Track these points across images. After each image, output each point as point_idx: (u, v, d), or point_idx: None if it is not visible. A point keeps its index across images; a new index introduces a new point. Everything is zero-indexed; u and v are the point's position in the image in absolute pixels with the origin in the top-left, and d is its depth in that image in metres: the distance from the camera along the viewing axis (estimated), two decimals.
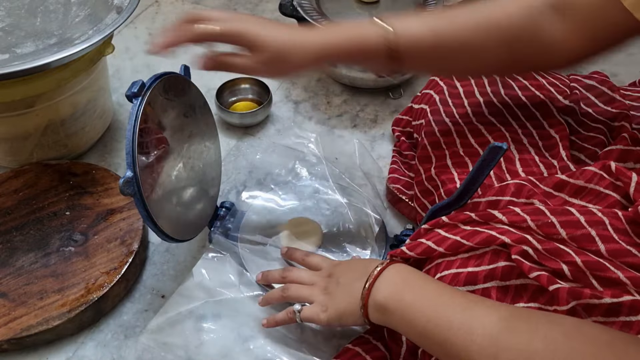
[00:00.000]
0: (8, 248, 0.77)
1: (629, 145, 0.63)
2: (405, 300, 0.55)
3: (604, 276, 0.50)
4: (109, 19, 0.80)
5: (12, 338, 0.68)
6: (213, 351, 0.70)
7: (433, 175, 0.71)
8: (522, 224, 0.55)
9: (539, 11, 0.61)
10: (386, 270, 0.58)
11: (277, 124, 1.01)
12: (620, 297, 0.49)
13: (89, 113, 0.89)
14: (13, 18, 0.82)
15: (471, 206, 0.62)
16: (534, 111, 0.72)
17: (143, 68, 1.12)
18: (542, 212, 0.55)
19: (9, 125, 0.83)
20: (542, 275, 0.51)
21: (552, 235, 0.54)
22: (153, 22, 1.23)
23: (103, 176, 0.85)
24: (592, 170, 0.59)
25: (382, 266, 0.59)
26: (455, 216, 0.60)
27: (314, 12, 0.99)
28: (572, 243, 0.53)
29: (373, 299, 0.57)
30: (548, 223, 0.54)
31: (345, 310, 0.60)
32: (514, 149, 0.68)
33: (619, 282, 0.50)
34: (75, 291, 0.72)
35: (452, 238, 0.58)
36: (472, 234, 0.57)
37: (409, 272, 0.58)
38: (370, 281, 0.58)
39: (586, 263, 0.51)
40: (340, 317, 0.61)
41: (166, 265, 0.80)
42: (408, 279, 0.57)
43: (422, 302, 0.54)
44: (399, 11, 1.01)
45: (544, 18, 0.60)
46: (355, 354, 0.65)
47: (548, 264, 0.52)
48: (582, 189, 0.59)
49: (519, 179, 0.62)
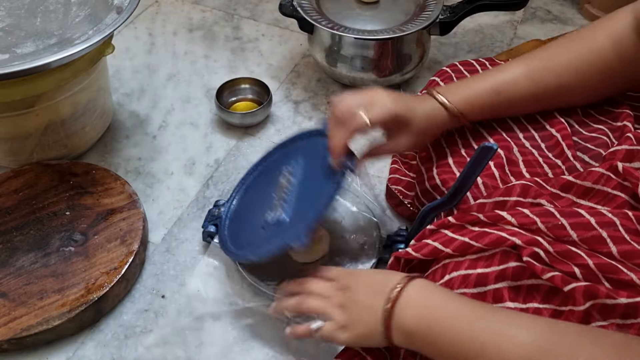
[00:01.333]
0: (8, 248, 0.77)
1: (634, 145, 0.63)
2: (430, 326, 0.52)
3: (616, 278, 0.50)
4: (109, 19, 0.80)
5: (12, 338, 0.68)
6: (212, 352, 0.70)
7: (434, 175, 0.71)
8: (532, 226, 0.54)
9: (628, 39, 0.63)
10: (406, 290, 0.55)
11: (277, 124, 1.01)
12: (636, 298, 0.48)
13: (89, 113, 0.89)
14: (13, 18, 0.82)
15: (477, 207, 0.61)
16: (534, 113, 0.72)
17: (143, 68, 1.12)
18: (552, 213, 0.55)
19: (9, 125, 0.83)
20: (557, 276, 0.51)
21: (563, 237, 0.53)
22: (153, 22, 1.23)
23: (103, 176, 0.85)
24: (599, 172, 0.58)
25: (400, 286, 0.55)
26: (462, 217, 0.59)
27: (314, 12, 0.99)
28: (583, 245, 0.52)
29: (398, 322, 0.54)
30: (558, 225, 0.53)
31: (366, 334, 0.57)
32: (517, 152, 0.68)
33: (633, 284, 0.49)
34: (75, 291, 0.72)
35: (460, 239, 0.57)
36: (481, 235, 0.56)
37: (432, 292, 0.55)
38: (390, 304, 0.55)
39: (598, 265, 0.50)
40: (361, 340, 0.58)
41: (166, 265, 0.80)
42: (432, 301, 0.54)
43: (446, 323, 0.51)
44: (399, 11, 1.01)
45: (631, 44, 0.63)
46: (355, 353, 0.65)
47: (559, 266, 0.51)
48: (590, 190, 0.58)
49: (525, 179, 0.61)
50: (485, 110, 0.68)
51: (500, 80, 0.67)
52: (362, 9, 1.02)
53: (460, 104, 0.67)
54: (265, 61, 1.13)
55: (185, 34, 1.20)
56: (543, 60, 0.67)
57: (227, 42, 1.18)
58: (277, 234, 0.69)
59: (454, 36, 1.16)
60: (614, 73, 0.65)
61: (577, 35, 0.67)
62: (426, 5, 1.01)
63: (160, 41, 1.19)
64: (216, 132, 0.99)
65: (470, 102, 0.67)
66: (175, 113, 1.03)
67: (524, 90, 0.67)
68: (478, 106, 0.67)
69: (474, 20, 1.17)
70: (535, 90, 0.67)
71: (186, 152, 0.96)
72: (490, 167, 0.65)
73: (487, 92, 0.67)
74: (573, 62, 0.66)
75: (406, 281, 0.56)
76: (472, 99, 0.67)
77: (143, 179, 0.91)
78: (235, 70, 1.11)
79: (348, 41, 0.98)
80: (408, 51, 1.00)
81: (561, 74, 0.66)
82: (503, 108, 0.68)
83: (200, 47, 1.17)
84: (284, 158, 0.78)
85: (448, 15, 1.00)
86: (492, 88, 0.67)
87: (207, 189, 0.90)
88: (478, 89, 0.67)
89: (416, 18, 0.98)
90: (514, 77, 0.67)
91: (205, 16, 1.25)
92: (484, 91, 0.67)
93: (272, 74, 1.10)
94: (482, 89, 0.67)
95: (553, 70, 0.66)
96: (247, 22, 1.23)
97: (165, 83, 1.09)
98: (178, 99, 1.05)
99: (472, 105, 0.67)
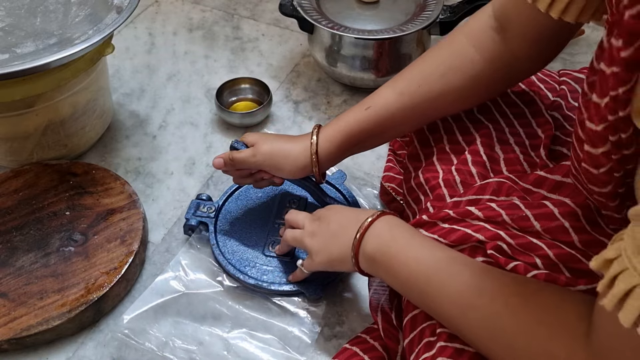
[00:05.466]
0: (8, 248, 0.77)
1: None
2: (390, 253, 0.58)
3: (576, 267, 0.52)
4: (109, 19, 0.80)
5: (12, 338, 0.68)
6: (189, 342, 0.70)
7: (419, 173, 0.72)
8: (497, 219, 0.56)
9: (490, 39, 0.63)
10: (376, 221, 0.60)
11: (277, 124, 1.01)
12: (594, 284, 0.49)
13: (89, 113, 0.89)
14: (13, 18, 0.82)
15: (451, 205, 0.62)
16: (524, 108, 0.72)
17: (143, 68, 1.12)
18: (517, 206, 0.57)
19: (9, 125, 0.83)
20: (519, 265, 0.53)
21: (527, 229, 0.55)
22: (153, 22, 1.23)
23: (103, 176, 0.85)
24: (567, 165, 0.59)
25: (372, 217, 0.61)
26: (434, 214, 0.61)
27: (314, 12, 0.99)
28: (546, 235, 0.54)
29: (363, 249, 0.60)
30: (522, 217, 0.55)
31: (337, 257, 0.63)
32: (499, 150, 0.68)
33: (591, 273, 0.51)
34: (75, 291, 0.72)
35: (431, 237, 0.59)
36: (449, 232, 0.58)
37: (397, 225, 0.60)
38: (360, 232, 0.60)
39: (558, 256, 0.52)
40: (332, 263, 0.65)
41: (166, 265, 0.80)
42: (395, 232, 0.59)
43: (405, 255, 0.57)
44: (399, 11, 1.01)
45: (491, 42, 0.63)
46: (353, 353, 0.65)
47: (521, 258, 0.54)
48: (560, 184, 0.60)
49: (499, 176, 0.62)
50: (355, 132, 0.69)
51: (370, 98, 0.70)
52: (362, 9, 1.02)
53: (330, 134, 0.70)
54: (265, 61, 1.13)
55: (185, 34, 1.20)
56: (412, 72, 0.68)
57: (227, 42, 1.18)
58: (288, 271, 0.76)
59: None
60: (483, 74, 0.65)
61: (444, 41, 0.68)
62: (426, 5, 1.01)
63: (160, 41, 1.19)
64: (216, 132, 0.99)
65: (338, 129, 0.70)
66: (175, 113, 1.03)
67: (391, 103, 0.68)
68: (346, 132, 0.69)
69: None
70: (405, 103, 0.67)
71: (186, 152, 0.96)
72: (468, 166, 0.66)
73: (356, 109, 0.70)
74: (440, 68, 0.66)
75: (378, 215, 0.61)
76: (341, 125, 0.70)
77: (143, 179, 0.91)
78: (235, 70, 1.11)
79: (348, 41, 0.98)
80: (408, 51, 1.00)
81: (429, 82, 0.66)
82: (376, 126, 0.69)
83: (200, 47, 1.17)
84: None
85: (448, 15, 1.00)
86: (362, 105, 0.70)
87: (207, 189, 0.90)
88: (350, 112, 0.70)
89: (416, 18, 0.98)
90: (382, 93, 0.69)
91: (205, 16, 1.25)
92: (354, 111, 0.70)
93: (272, 74, 1.10)
94: (353, 110, 0.70)
95: (421, 81, 0.67)
96: (247, 22, 1.23)
97: (165, 83, 1.09)
98: (178, 99, 1.05)
99: (340, 131, 0.70)
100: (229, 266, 0.76)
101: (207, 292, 0.75)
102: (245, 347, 0.70)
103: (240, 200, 0.84)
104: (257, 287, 0.75)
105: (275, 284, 0.74)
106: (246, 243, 0.79)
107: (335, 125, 0.70)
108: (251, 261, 0.77)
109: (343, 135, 0.70)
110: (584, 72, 0.80)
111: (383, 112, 0.68)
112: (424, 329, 0.56)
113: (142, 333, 0.71)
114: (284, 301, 0.74)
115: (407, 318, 0.59)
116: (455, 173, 0.66)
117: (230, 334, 0.71)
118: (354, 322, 0.73)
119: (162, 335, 0.71)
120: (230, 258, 0.77)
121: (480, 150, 0.67)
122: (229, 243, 0.79)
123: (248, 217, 0.82)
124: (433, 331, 0.55)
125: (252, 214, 0.83)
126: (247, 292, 0.75)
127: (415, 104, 0.67)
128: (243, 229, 0.81)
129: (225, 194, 0.84)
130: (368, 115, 0.68)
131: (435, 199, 0.65)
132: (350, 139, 0.70)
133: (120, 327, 0.71)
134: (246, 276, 0.75)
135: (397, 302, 0.67)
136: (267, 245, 0.79)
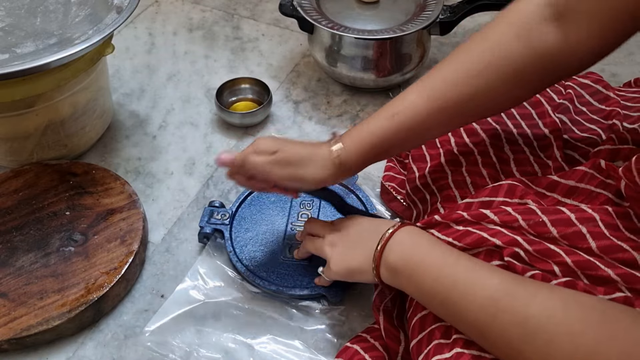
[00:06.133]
0: (8, 248, 0.77)
1: (616, 145, 0.63)
2: (413, 261, 0.56)
3: (594, 275, 0.51)
4: (109, 19, 0.80)
5: (12, 338, 0.68)
6: (214, 351, 0.70)
7: (425, 174, 0.71)
8: (514, 224, 0.55)
9: (536, 28, 0.56)
10: (398, 232, 0.59)
11: (277, 124, 1.01)
12: (612, 294, 0.49)
13: (89, 113, 0.89)
14: (13, 18, 0.82)
15: (463, 206, 0.62)
16: (530, 110, 0.72)
17: (143, 68, 1.12)
18: (534, 211, 0.56)
19: (9, 125, 0.83)
20: (537, 274, 0.52)
21: (544, 234, 0.54)
22: (153, 22, 1.23)
23: (103, 176, 0.85)
24: (582, 170, 0.59)
25: (393, 228, 0.60)
26: (447, 215, 0.60)
27: (314, 11, 0.99)
28: (563, 241, 0.53)
29: (385, 260, 0.59)
30: (539, 222, 0.54)
31: (356, 268, 0.62)
32: (508, 150, 0.68)
33: (610, 280, 0.50)
34: (75, 291, 0.72)
35: (445, 239, 0.58)
36: (464, 234, 0.57)
37: (419, 235, 0.59)
38: (382, 243, 0.59)
39: (576, 263, 0.51)
40: (351, 273, 0.63)
41: (166, 265, 0.80)
42: (417, 241, 0.58)
43: (429, 262, 0.55)
44: (399, 11, 1.01)
45: (542, 33, 0.56)
46: (355, 352, 0.65)
47: (539, 265, 0.52)
48: (574, 189, 0.59)
49: (512, 179, 0.62)
50: (380, 142, 0.63)
51: (395, 103, 0.63)
52: (362, 9, 1.02)
53: (353, 143, 0.63)
54: (265, 61, 1.13)
55: (185, 34, 1.20)
56: (443, 73, 0.61)
57: (227, 42, 1.18)
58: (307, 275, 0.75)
59: (454, 36, 1.16)
60: (527, 71, 0.57)
61: (481, 34, 0.60)
62: (426, 5, 1.00)
63: (160, 41, 1.19)
64: (216, 132, 0.99)
65: (362, 139, 0.63)
66: (175, 113, 1.03)
67: (421, 110, 0.60)
68: (372, 141, 0.63)
69: (474, 20, 1.17)
70: (436, 109, 0.60)
71: (186, 152, 0.96)
72: (478, 166, 0.65)
73: (381, 116, 0.63)
74: (476, 66, 0.58)
75: (399, 225, 0.60)
76: (364, 134, 0.63)
77: (143, 179, 0.91)
78: (235, 70, 1.11)
79: (348, 41, 0.98)
80: (408, 51, 1.00)
81: (464, 84, 0.59)
82: (403, 134, 0.62)
83: (200, 47, 1.17)
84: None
85: (448, 15, 1.00)
86: (387, 112, 0.62)
87: (207, 189, 0.90)
88: (374, 120, 0.63)
89: (416, 18, 0.98)
90: (409, 97, 0.62)
91: (205, 16, 1.25)
92: (379, 119, 0.63)
93: (272, 74, 1.10)
94: (378, 118, 0.63)
95: (454, 82, 0.60)
96: (247, 22, 1.23)
97: (165, 83, 1.09)
98: (178, 99, 1.05)
99: (364, 141, 0.63)
100: (248, 273, 0.76)
101: (227, 300, 0.74)
102: (271, 353, 0.70)
103: (253, 206, 0.84)
104: (279, 293, 0.74)
105: (297, 289, 0.74)
106: (263, 248, 0.79)
107: (358, 137, 0.63)
108: (269, 266, 0.76)
109: (368, 145, 0.63)
110: (590, 77, 0.80)
111: (411, 119, 0.61)
112: (434, 330, 0.56)
113: (164, 344, 0.70)
114: (305, 305, 0.74)
115: (416, 318, 0.58)
116: (466, 174, 0.66)
117: (255, 340, 0.71)
118: (354, 322, 0.73)
119: (186, 346, 0.70)
120: (248, 264, 0.77)
121: (490, 152, 0.66)
122: (246, 249, 0.78)
123: (263, 222, 0.82)
124: (444, 333, 0.54)
125: (267, 218, 0.82)
126: (266, 297, 0.75)
127: (447, 109, 0.60)
128: (259, 234, 0.80)
129: (238, 200, 0.84)
130: (395, 123, 0.62)
131: (444, 199, 0.65)
132: (375, 149, 0.63)
133: (143, 340, 0.70)
134: (266, 282, 0.74)
135: (399, 303, 0.67)
136: (285, 250, 0.78)
